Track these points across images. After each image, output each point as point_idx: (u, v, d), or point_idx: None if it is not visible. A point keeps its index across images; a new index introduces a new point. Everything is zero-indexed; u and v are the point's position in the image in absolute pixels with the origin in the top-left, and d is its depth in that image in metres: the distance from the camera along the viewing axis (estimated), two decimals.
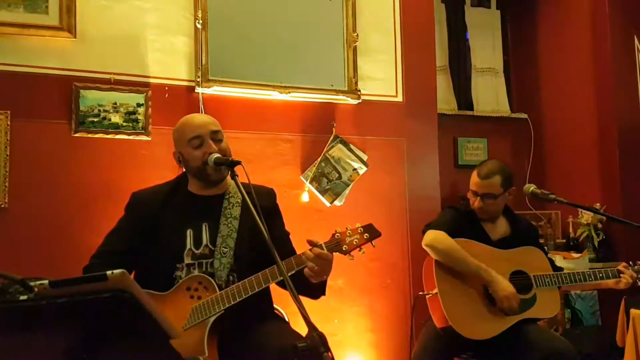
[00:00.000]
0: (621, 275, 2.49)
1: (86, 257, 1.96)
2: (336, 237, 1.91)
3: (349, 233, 1.92)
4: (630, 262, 2.57)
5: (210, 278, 1.85)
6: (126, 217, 2.01)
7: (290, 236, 2.14)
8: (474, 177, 2.59)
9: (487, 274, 2.37)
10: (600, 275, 2.51)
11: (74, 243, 2.35)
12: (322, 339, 1.38)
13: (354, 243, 1.91)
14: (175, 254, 1.91)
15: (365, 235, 1.93)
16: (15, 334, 1.01)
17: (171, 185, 2.06)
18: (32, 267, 2.52)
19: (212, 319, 1.80)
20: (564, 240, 3.98)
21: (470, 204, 2.60)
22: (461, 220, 2.57)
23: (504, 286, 2.36)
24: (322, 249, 1.84)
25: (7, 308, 0.96)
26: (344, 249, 1.90)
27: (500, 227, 2.63)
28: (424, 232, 2.54)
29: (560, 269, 2.63)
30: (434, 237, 2.46)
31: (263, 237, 1.59)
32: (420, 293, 2.52)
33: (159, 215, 1.95)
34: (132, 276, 1.94)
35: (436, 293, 2.39)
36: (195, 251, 1.93)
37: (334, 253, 1.87)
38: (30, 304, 0.95)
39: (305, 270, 1.83)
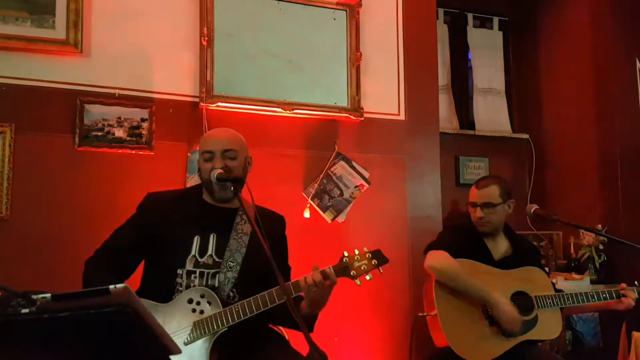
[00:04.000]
0: (623, 298, 2.48)
1: None
2: (344, 261, 1.89)
3: (357, 258, 1.91)
4: (636, 282, 2.55)
5: (213, 293, 1.85)
6: (136, 215, 2.03)
7: (291, 251, 2.14)
8: (472, 190, 2.62)
9: (490, 297, 2.35)
10: (604, 295, 2.49)
11: (75, 256, 2.33)
12: (323, 358, 1.38)
13: (362, 269, 1.90)
14: (179, 258, 1.91)
15: (374, 262, 1.92)
16: (17, 348, 1.00)
17: (186, 192, 2.09)
18: (33, 279, 2.51)
19: (215, 336, 1.79)
20: (565, 261, 3.97)
21: (472, 218, 2.60)
22: (463, 239, 2.56)
23: (507, 310, 2.33)
24: (331, 273, 1.84)
25: (9, 321, 0.96)
26: (352, 274, 1.89)
27: (502, 246, 2.61)
28: (425, 253, 2.53)
29: (560, 291, 2.62)
30: (436, 258, 2.45)
31: (266, 259, 1.59)
32: (420, 314, 2.50)
33: (169, 218, 1.96)
34: (133, 272, 1.98)
35: (436, 314, 2.37)
36: (199, 259, 1.93)
37: (339, 277, 1.87)
38: (32, 318, 0.94)
39: (301, 284, 1.82)
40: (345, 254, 1.91)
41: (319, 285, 1.81)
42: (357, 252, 1.92)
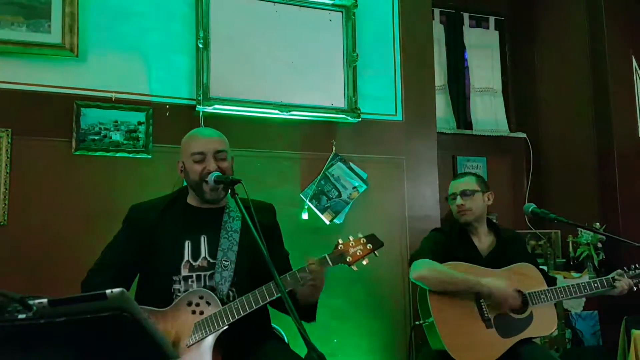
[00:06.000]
0: (615, 282, 2.48)
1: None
2: (339, 248, 1.89)
3: (352, 244, 1.91)
4: (625, 268, 2.56)
5: (211, 293, 1.84)
6: (123, 230, 2.01)
7: (290, 254, 2.13)
8: (450, 185, 2.67)
9: (482, 287, 2.35)
10: (596, 285, 2.49)
11: (73, 261, 2.34)
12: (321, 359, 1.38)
13: (358, 254, 1.90)
14: (173, 265, 1.90)
15: (369, 246, 1.92)
16: (14, 354, 1.00)
17: (170, 198, 2.06)
18: (31, 284, 2.51)
19: (217, 335, 1.78)
20: (564, 260, 3.97)
21: (453, 212, 2.61)
22: (448, 241, 2.55)
23: (501, 291, 2.33)
24: (327, 261, 1.84)
25: (6, 327, 0.95)
26: (347, 260, 1.88)
27: (486, 241, 2.60)
28: (410, 264, 2.50)
29: (553, 278, 2.62)
30: (421, 267, 2.42)
31: (260, 253, 1.60)
32: (417, 322, 2.49)
33: (157, 227, 1.94)
34: (130, 288, 1.96)
35: (432, 322, 2.36)
36: (193, 263, 1.91)
37: (335, 265, 1.86)
38: (29, 323, 0.94)
39: (300, 290, 1.81)
40: (340, 241, 1.91)
41: (314, 275, 1.80)
42: (351, 238, 1.92)
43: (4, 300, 0.95)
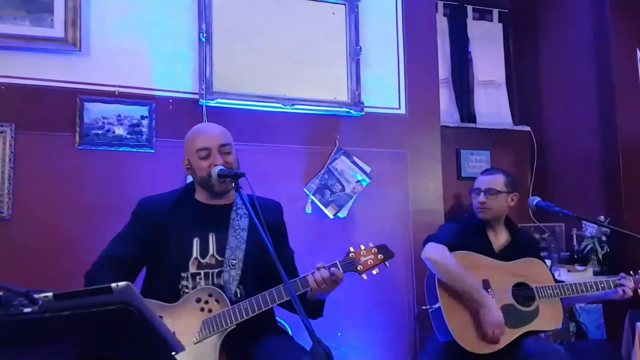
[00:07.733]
0: (620, 287, 2.48)
1: None
2: (350, 256, 1.91)
3: (363, 253, 1.93)
4: (631, 272, 2.56)
5: (220, 291, 1.85)
6: (131, 223, 2.00)
7: (293, 246, 2.13)
8: (478, 178, 2.65)
9: (480, 298, 2.35)
10: (602, 285, 2.49)
11: (77, 255, 2.34)
12: (327, 353, 1.38)
13: (369, 263, 1.92)
14: (181, 262, 1.90)
15: (380, 256, 1.94)
16: (19, 348, 1.00)
17: (179, 193, 2.05)
18: (36, 278, 2.51)
19: (224, 334, 1.79)
20: (568, 253, 3.96)
21: (473, 205, 2.61)
22: (465, 232, 2.56)
23: (494, 314, 2.32)
24: (338, 267, 1.85)
25: (11, 321, 0.95)
26: (358, 268, 1.91)
27: (501, 238, 2.62)
28: (424, 244, 2.53)
29: (561, 282, 2.62)
30: (434, 250, 2.45)
31: (269, 253, 1.60)
32: (424, 307, 2.50)
33: (166, 223, 1.94)
34: (137, 281, 1.96)
35: (439, 307, 2.38)
36: (201, 260, 1.92)
37: (345, 273, 1.88)
38: (34, 317, 0.94)
39: (311, 283, 1.83)
40: (351, 249, 1.93)
41: (328, 282, 1.83)
42: (362, 247, 1.94)
43: (9, 295, 0.95)
